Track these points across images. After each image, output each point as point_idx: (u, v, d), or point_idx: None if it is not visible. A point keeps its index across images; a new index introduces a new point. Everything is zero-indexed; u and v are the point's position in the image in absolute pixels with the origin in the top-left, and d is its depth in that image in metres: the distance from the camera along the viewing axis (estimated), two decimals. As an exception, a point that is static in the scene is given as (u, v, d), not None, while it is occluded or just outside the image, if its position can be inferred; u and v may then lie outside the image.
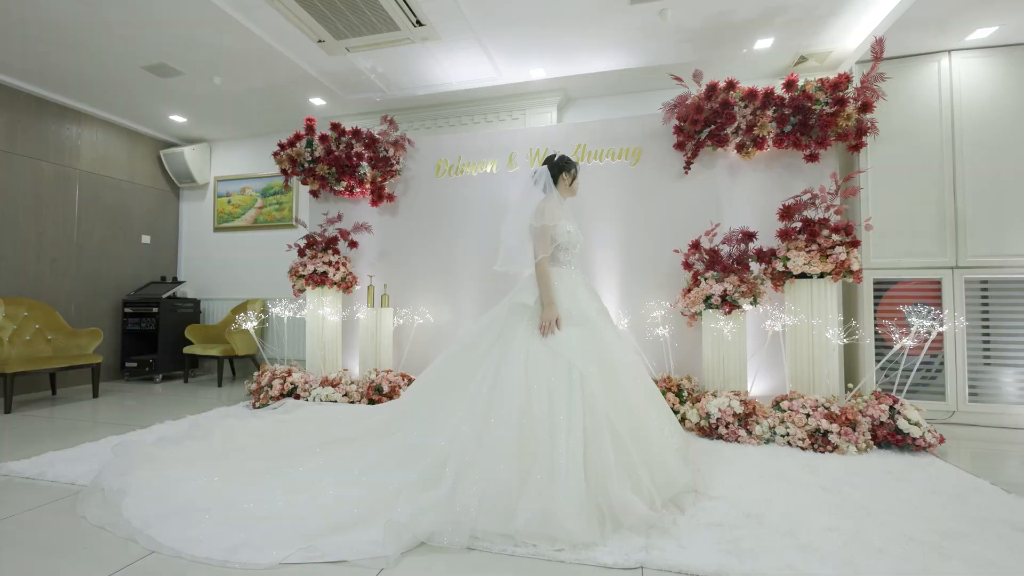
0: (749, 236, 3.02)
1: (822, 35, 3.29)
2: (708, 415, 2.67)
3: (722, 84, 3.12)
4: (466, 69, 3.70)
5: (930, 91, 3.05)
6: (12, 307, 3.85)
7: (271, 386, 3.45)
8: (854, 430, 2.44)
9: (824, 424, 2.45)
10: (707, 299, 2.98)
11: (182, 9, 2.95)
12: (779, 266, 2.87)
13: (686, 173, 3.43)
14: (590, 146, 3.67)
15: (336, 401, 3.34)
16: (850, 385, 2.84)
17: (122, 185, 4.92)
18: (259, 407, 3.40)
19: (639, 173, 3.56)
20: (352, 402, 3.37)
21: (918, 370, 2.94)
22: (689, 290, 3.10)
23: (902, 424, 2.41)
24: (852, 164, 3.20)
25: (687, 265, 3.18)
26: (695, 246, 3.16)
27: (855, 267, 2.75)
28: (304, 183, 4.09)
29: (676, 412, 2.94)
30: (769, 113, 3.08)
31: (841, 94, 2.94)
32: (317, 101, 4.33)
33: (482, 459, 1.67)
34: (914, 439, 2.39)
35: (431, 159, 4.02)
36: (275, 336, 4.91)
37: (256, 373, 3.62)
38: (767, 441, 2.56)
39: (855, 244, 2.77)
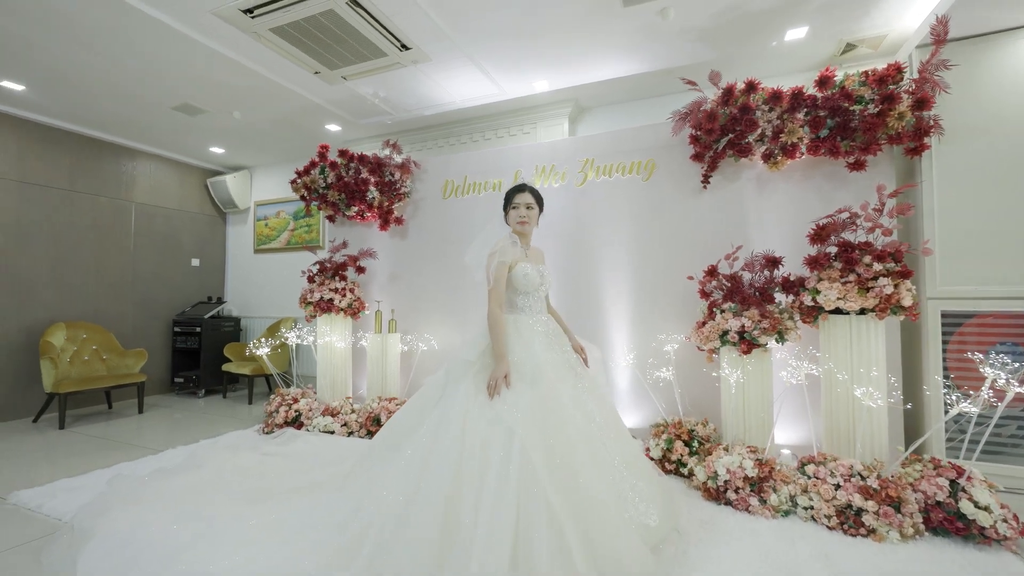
0: (773, 262, 2.58)
1: (871, 16, 2.74)
2: (716, 475, 2.30)
3: (741, 86, 2.70)
4: (465, 87, 3.56)
5: (1017, 76, 2.42)
6: (73, 330, 4.28)
7: (278, 412, 3.53)
8: (898, 511, 1.96)
9: (857, 500, 1.99)
10: (723, 335, 2.59)
11: (188, 55, 3.09)
12: (808, 300, 2.41)
13: (704, 188, 3.02)
14: (598, 160, 3.36)
15: (334, 432, 3.34)
16: (899, 448, 2.31)
17: (173, 213, 5.34)
18: (267, 432, 3.49)
19: (652, 188, 3.21)
20: (351, 432, 3.35)
21: (1001, 427, 2.34)
22: (704, 323, 2.72)
23: (966, 507, 1.90)
24: (913, 170, 2.64)
25: (704, 294, 2.79)
26: (711, 272, 2.76)
27: (907, 302, 2.23)
28: (319, 209, 4.17)
29: (683, 465, 2.58)
30: (800, 116, 2.62)
31: (891, 88, 2.42)
32: (332, 127, 4.40)
33: (400, 542, 1.50)
34: (982, 528, 1.87)
35: (438, 180, 3.93)
36: (305, 355, 5.09)
37: (271, 396, 3.73)
38: (786, 514, 2.15)
39: (905, 275, 2.25)
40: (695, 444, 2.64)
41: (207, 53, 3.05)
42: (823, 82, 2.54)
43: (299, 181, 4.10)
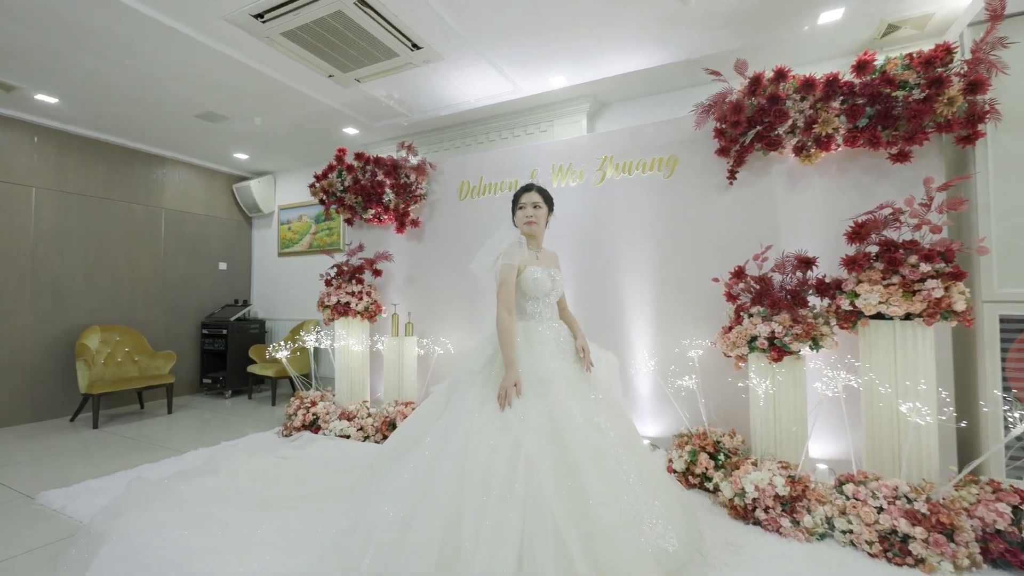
0: (807, 263, 2.39)
1: (916, -6, 2.52)
2: (743, 492, 2.14)
3: (769, 74, 2.52)
4: (480, 86, 3.48)
5: (1090, 52, 2.15)
6: (107, 333, 4.44)
7: (296, 415, 3.54)
8: (951, 539, 1.77)
9: (903, 525, 1.81)
10: (751, 341, 2.42)
11: (205, 62, 3.13)
12: (845, 303, 2.22)
13: (730, 184, 2.85)
14: (617, 157, 3.23)
15: (349, 436, 3.32)
16: (951, 468, 2.10)
17: (201, 218, 5.49)
18: (285, 435, 3.51)
19: (674, 186, 3.05)
20: (366, 437, 3.33)
21: (1073, 447, 2.09)
22: (730, 328, 2.55)
23: (1031, 537, 1.69)
24: (966, 161, 2.40)
25: (730, 296, 2.63)
26: (738, 274, 2.59)
27: (959, 306, 2.02)
28: (337, 212, 4.18)
29: (708, 479, 2.43)
30: (835, 105, 2.42)
31: (939, 71, 2.20)
32: (350, 131, 4.41)
33: (397, 564, 1.43)
34: (1051, 563, 1.66)
35: (454, 181, 3.87)
36: (327, 357, 5.13)
37: (291, 398, 3.77)
38: (821, 537, 1.97)
39: (957, 276, 2.03)
40: (721, 457, 2.48)
41: (223, 60, 3.09)
42: (862, 67, 2.34)
43: (317, 185, 4.13)
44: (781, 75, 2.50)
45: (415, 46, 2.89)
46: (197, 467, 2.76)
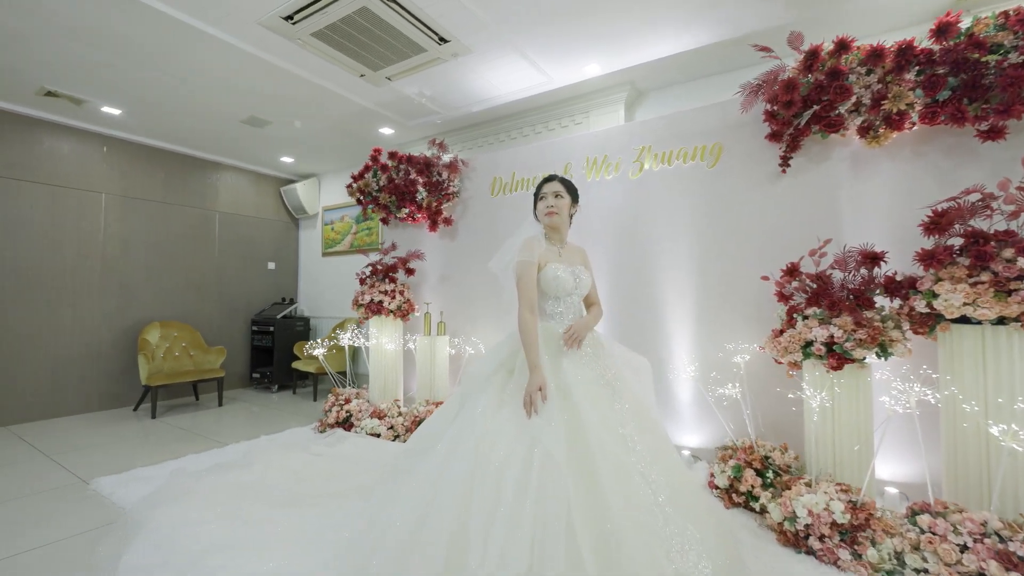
0: (873, 258, 2.10)
1: (1014, -58, 2.14)
2: (794, 516, 1.91)
3: (828, 47, 2.24)
4: (511, 78, 3.38)
5: None
6: (166, 329, 4.74)
7: (331, 412, 3.60)
8: (1057, 589, 1.47)
9: (993, 568, 1.53)
10: (806, 346, 2.17)
11: (245, 68, 3.23)
12: (921, 304, 1.92)
13: (783, 172, 2.58)
14: (656, 147, 3.02)
15: (380, 435, 3.33)
16: (1058, 503, 1.76)
17: (251, 220, 5.76)
18: (320, 431, 3.58)
19: (719, 176, 2.81)
20: (396, 436, 3.32)
21: None
22: (782, 331, 2.30)
23: None
24: (1077, 136, 2.02)
25: (782, 296, 2.37)
26: (791, 271, 2.33)
27: (1069, 309, 1.68)
28: (373, 212, 4.22)
29: (754, 499, 2.19)
30: (909, 77, 2.11)
31: (1044, 29, 1.85)
32: (386, 131, 4.44)
33: (408, 560, 1.37)
34: None
35: (487, 178, 3.79)
36: (366, 355, 5.22)
37: (328, 395, 3.84)
38: (888, 574, 1.71)
39: (1067, 273, 1.70)
40: (770, 475, 2.24)
41: (261, 65, 3.17)
42: (943, 30, 2.02)
43: (354, 185, 4.18)
44: (843, 46, 2.21)
45: (442, 39, 2.83)
46: (233, 460, 2.86)
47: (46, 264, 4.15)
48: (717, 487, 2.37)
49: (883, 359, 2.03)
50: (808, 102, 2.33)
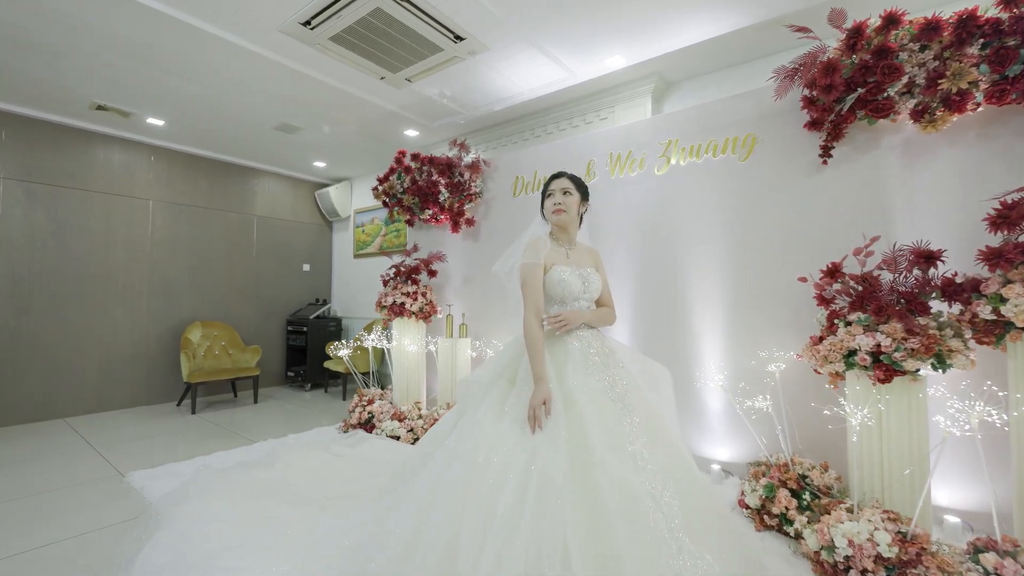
0: (928, 257, 1.86)
1: None
2: (832, 546, 1.71)
3: (875, 22, 2.02)
4: (531, 75, 3.29)
5: None
6: (207, 329, 4.96)
7: (354, 412, 3.64)
8: None
9: (1076, 623, 1.29)
10: (848, 355, 1.95)
11: (271, 76, 3.31)
12: (986, 310, 1.68)
13: (824, 163, 2.36)
14: (683, 141, 2.84)
15: (399, 437, 3.32)
16: None
17: (287, 224, 5.95)
18: (344, 431, 3.62)
19: (752, 170, 2.60)
20: (416, 439, 3.30)
21: None
22: (821, 338, 2.09)
23: None
24: None
25: (822, 300, 2.16)
26: (832, 272, 2.11)
27: None
28: (398, 214, 4.24)
29: (789, 522, 2.00)
30: (972, 51, 1.86)
31: None
32: (411, 133, 4.46)
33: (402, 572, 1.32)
34: None
35: (509, 177, 3.72)
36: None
37: (354, 395, 3.89)
38: (944, 619, 1.50)
39: None
40: (807, 496, 2.03)
41: (286, 72, 3.24)
42: (1012, -4, 1.76)
43: (380, 188, 4.22)
44: (892, 21, 1.98)
45: (458, 37, 2.78)
46: (258, 459, 2.93)
47: (100, 267, 4.43)
48: (748, 506, 2.18)
49: (941, 371, 1.80)
50: (852, 85, 2.10)
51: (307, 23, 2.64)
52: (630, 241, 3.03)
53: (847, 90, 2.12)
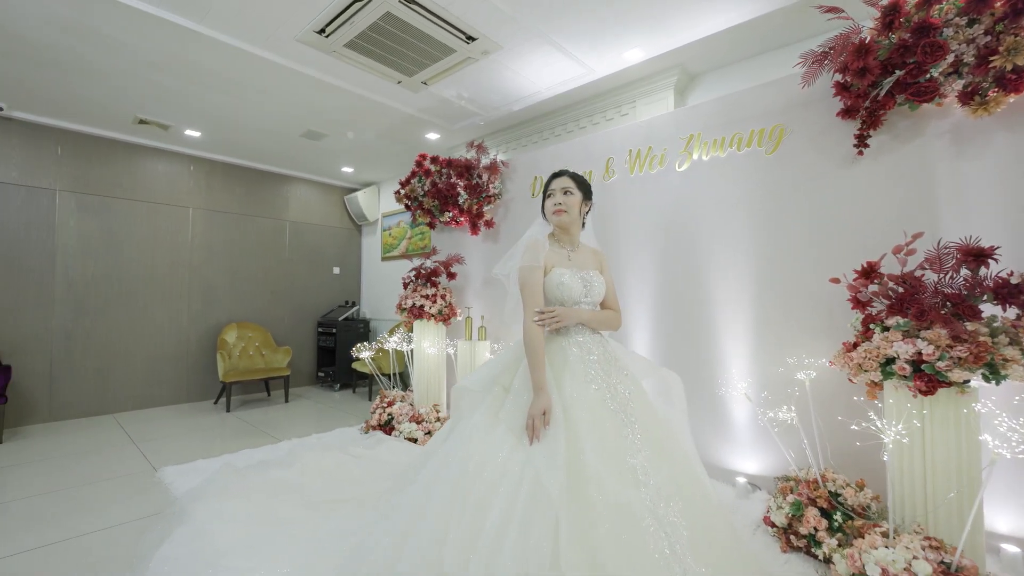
0: (978, 255, 1.67)
1: None
2: (864, 574, 1.56)
3: (914, -3, 1.83)
4: (548, 72, 3.22)
5: None
6: (242, 330, 5.18)
7: (375, 414, 3.68)
8: None
9: None
10: (886, 364, 1.78)
11: (293, 85, 3.41)
12: (1046, 315, 1.48)
13: (860, 154, 2.17)
14: (706, 134, 2.70)
15: (416, 440, 3.32)
16: None
17: (318, 228, 6.13)
18: (364, 432, 3.67)
19: (780, 163, 2.44)
20: (433, 442, 3.30)
21: None
22: (855, 345, 1.93)
23: None
24: None
25: (858, 303, 1.98)
26: (868, 272, 1.94)
27: None
28: (419, 217, 4.27)
29: (817, 544, 1.84)
30: (1030, 23, 1.65)
31: None
32: (432, 136, 4.48)
33: None
34: None
35: (527, 178, 3.67)
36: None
37: (377, 396, 3.94)
38: (995, 665, 1.32)
39: None
40: (838, 517, 1.87)
41: (307, 81, 3.32)
42: (1078, -43, 1.55)
43: (402, 191, 4.26)
44: (933, -6, 1.79)
45: (469, 38, 2.75)
46: (279, 458, 2.99)
47: (145, 271, 4.71)
48: (774, 524, 2.04)
49: (994, 383, 1.60)
50: (889, 68, 1.92)
51: (321, 31, 2.69)
52: (650, 241, 2.91)
53: (884, 73, 1.94)
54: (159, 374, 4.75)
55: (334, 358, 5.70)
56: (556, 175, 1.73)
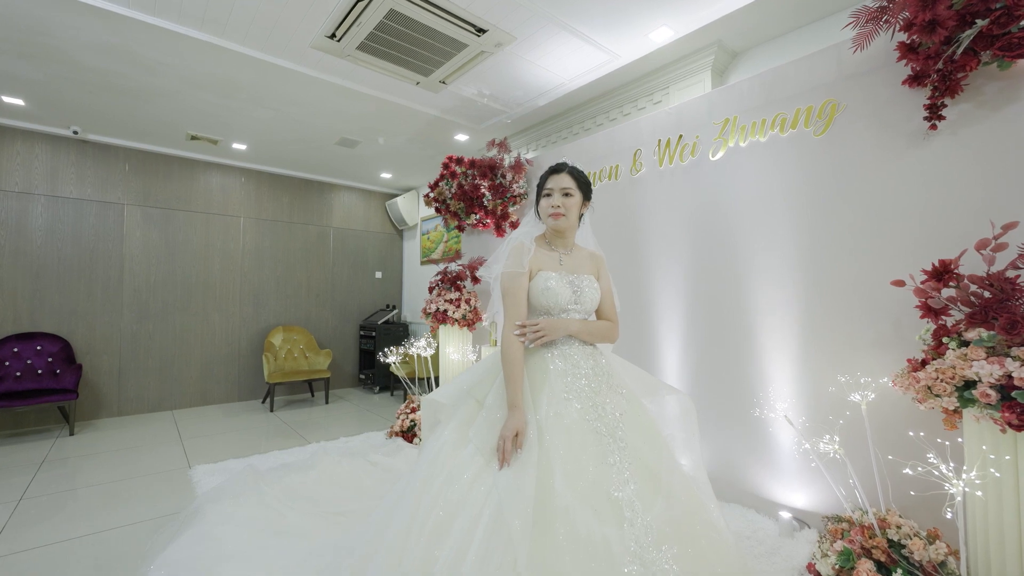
0: (1095, 250, 1.28)
1: None
2: (929, 655, 1.23)
3: (1000, -75, 1.46)
4: (569, 61, 3.02)
5: None
6: (288, 333, 5.40)
7: (398, 420, 3.65)
8: None
9: None
10: (963, 389, 1.43)
11: (318, 93, 3.46)
12: None
13: (932, 128, 1.78)
14: (743, 118, 2.38)
15: (435, 448, 3.23)
16: None
17: (361, 234, 6.29)
18: (389, 438, 3.64)
19: (832, 145, 2.08)
20: (452, 451, 3.19)
21: None
22: (924, 362, 1.57)
23: None
24: None
25: (928, 310, 1.62)
26: (940, 273, 1.57)
27: None
28: (448, 220, 4.21)
29: (872, 607, 1.51)
30: None
31: None
32: (461, 137, 4.41)
33: None
34: None
35: (553, 176, 3.48)
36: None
37: (404, 402, 3.93)
38: None
39: None
40: (900, 573, 1.52)
41: (330, 88, 3.36)
42: None
43: (431, 195, 4.23)
44: (1027, -81, 1.41)
45: (479, 30, 2.63)
46: (301, 461, 3.02)
47: (200, 277, 5.04)
48: (819, 574, 1.71)
49: (1120, 418, 1.21)
50: (967, 18, 1.55)
51: (332, 35, 2.68)
52: (681, 240, 2.62)
53: (961, 25, 1.57)
54: (213, 374, 5.06)
55: (374, 361, 5.80)
56: (555, 170, 1.55)
